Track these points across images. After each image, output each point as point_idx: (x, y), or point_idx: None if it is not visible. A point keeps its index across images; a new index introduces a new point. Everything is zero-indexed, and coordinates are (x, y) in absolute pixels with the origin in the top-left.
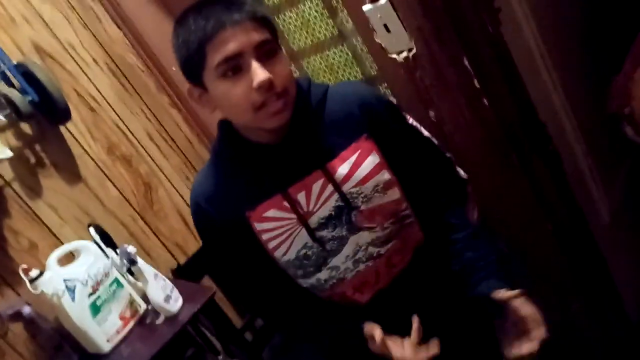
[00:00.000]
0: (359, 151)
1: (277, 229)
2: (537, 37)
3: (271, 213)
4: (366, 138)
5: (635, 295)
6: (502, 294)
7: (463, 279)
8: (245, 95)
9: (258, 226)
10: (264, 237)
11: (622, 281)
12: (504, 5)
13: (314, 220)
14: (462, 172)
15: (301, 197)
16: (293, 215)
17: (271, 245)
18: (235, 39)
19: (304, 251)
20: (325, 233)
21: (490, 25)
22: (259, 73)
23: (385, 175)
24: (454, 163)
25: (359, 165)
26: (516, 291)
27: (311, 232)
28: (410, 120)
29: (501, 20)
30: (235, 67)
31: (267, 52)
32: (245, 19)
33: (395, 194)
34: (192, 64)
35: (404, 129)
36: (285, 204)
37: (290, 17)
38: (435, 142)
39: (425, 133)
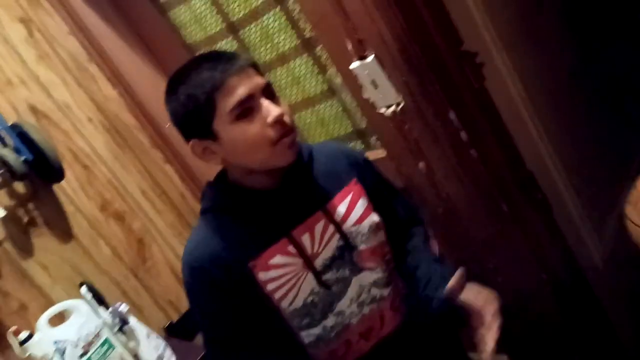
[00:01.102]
0: (352, 193)
1: (283, 276)
2: (520, 88)
3: (277, 260)
4: (356, 182)
5: (635, 340)
6: (449, 285)
7: (425, 299)
8: (261, 132)
9: (263, 276)
10: (270, 287)
11: (620, 326)
12: (487, 60)
13: (319, 263)
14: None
15: (305, 239)
16: (299, 260)
17: (277, 295)
18: (243, 84)
19: (310, 298)
20: (330, 275)
21: (475, 80)
22: (272, 109)
23: (375, 217)
24: (417, 207)
25: (354, 205)
26: (458, 272)
27: (317, 275)
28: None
29: (485, 75)
30: (247, 109)
31: (270, 93)
32: (247, 66)
33: (382, 236)
34: (201, 115)
35: (380, 178)
36: (291, 248)
37: (282, 74)
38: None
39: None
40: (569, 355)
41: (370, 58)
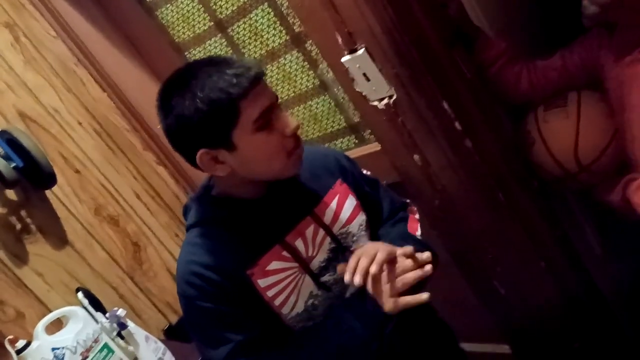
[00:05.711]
0: (338, 195)
1: (281, 281)
2: None
3: (274, 265)
4: (340, 183)
5: (635, 326)
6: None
7: None
8: (280, 143)
9: (262, 282)
10: (270, 293)
11: (620, 312)
12: None
13: (315, 266)
14: (406, 200)
15: (299, 243)
16: (295, 264)
17: (278, 301)
18: (264, 94)
19: (311, 301)
20: (327, 277)
21: (467, 70)
22: (291, 120)
23: (364, 216)
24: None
25: (341, 207)
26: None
27: (315, 277)
28: (364, 171)
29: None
30: (268, 119)
31: (278, 105)
32: (261, 77)
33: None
34: (222, 121)
35: (363, 176)
36: (286, 253)
37: (272, 71)
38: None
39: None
40: (569, 342)
41: (361, 51)
